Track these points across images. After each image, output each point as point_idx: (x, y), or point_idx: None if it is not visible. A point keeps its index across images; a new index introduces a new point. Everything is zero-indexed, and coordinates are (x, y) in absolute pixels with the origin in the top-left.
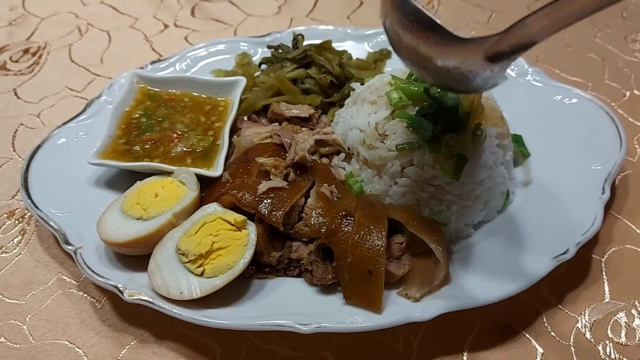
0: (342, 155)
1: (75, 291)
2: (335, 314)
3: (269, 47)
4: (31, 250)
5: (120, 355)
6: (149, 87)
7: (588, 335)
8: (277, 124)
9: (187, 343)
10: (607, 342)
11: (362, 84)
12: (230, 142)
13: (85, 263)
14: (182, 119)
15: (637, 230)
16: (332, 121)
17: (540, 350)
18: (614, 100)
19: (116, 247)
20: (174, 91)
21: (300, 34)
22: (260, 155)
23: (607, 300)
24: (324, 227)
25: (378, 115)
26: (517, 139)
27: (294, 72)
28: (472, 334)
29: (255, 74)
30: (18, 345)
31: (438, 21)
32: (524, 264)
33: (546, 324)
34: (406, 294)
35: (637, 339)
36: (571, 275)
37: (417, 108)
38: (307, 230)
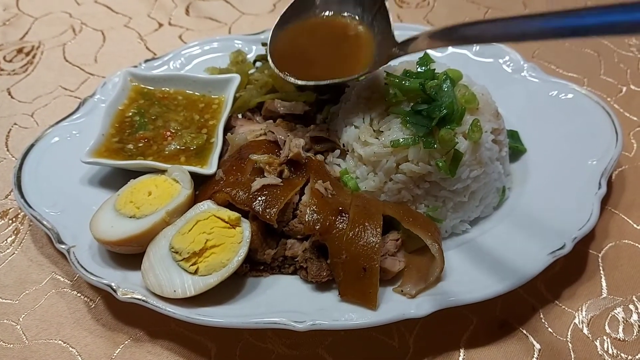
0: (337, 152)
1: (69, 290)
2: (330, 311)
3: (264, 44)
4: (25, 250)
5: (115, 354)
6: (142, 86)
7: (585, 331)
8: (271, 121)
9: (181, 342)
10: (604, 337)
11: (357, 80)
12: (224, 139)
13: (78, 262)
14: (175, 117)
15: (634, 225)
16: (326, 118)
17: (537, 346)
18: (610, 96)
19: (109, 245)
20: (167, 89)
21: None
22: (254, 153)
23: (604, 295)
24: (319, 224)
25: (373, 111)
26: (513, 135)
27: None
28: (469, 331)
29: (249, 72)
30: (12, 345)
31: None
32: (520, 259)
33: (543, 320)
34: (402, 291)
35: (634, 334)
36: (568, 271)
37: (411, 104)
38: (301, 227)
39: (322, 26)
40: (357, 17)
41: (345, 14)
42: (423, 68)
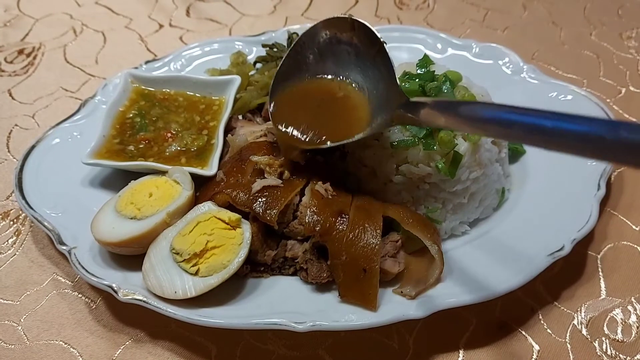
0: (337, 153)
1: (70, 291)
2: (330, 313)
3: (264, 45)
4: (26, 251)
5: (115, 355)
6: (143, 87)
7: (584, 332)
8: (271, 122)
9: (182, 342)
10: (603, 338)
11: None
12: (225, 141)
13: (79, 263)
14: (176, 119)
15: (633, 227)
16: None
17: (536, 347)
18: (609, 97)
19: (110, 246)
20: (168, 91)
21: (295, 33)
22: (254, 154)
23: (603, 297)
24: (319, 226)
25: None
26: None
27: None
28: (468, 332)
29: (249, 73)
30: (13, 346)
31: None
32: (520, 261)
33: (542, 321)
34: (401, 292)
35: (633, 335)
36: (567, 272)
37: None
38: (301, 228)
39: (318, 90)
40: (350, 77)
41: (342, 77)
42: (423, 70)
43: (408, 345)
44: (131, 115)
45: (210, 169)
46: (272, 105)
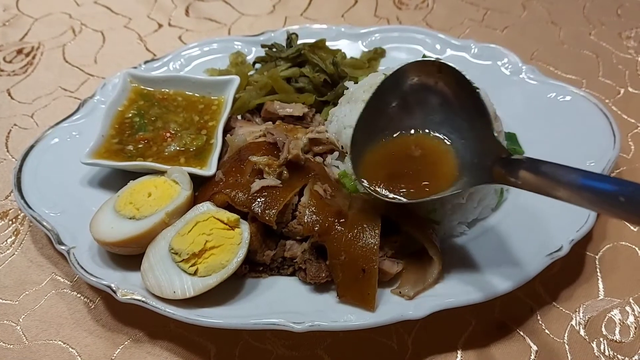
0: (336, 153)
1: (69, 291)
2: (328, 313)
3: (263, 46)
4: (25, 251)
5: (114, 355)
6: (142, 87)
7: (582, 332)
8: (270, 122)
9: (180, 342)
10: (601, 339)
11: (356, 82)
12: (224, 141)
13: (78, 263)
14: (175, 118)
15: (631, 227)
16: (326, 120)
17: (534, 347)
18: (608, 97)
19: (109, 246)
20: (167, 90)
21: (294, 33)
22: (253, 154)
23: (601, 297)
24: (318, 226)
25: None
26: (511, 137)
27: (287, 71)
28: (467, 332)
29: (249, 73)
30: (11, 346)
31: None
32: (518, 261)
33: (540, 322)
34: (400, 292)
35: (631, 336)
36: (565, 273)
37: None
38: (300, 228)
39: (402, 143)
40: (437, 128)
41: (427, 129)
42: None
43: (407, 345)
44: (130, 115)
45: (209, 169)
46: (353, 154)
